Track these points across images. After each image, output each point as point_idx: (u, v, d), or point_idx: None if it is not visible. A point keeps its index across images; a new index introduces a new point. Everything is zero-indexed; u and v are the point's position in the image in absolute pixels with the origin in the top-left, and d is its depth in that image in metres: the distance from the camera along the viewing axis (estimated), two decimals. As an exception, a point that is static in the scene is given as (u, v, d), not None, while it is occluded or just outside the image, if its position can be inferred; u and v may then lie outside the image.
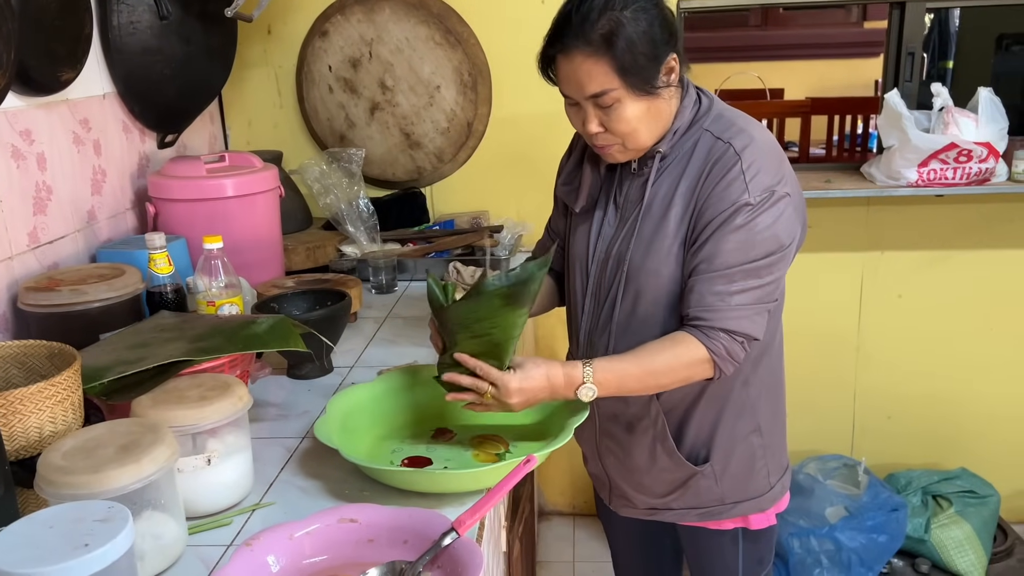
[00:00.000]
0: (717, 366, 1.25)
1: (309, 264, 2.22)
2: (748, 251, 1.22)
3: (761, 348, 1.37)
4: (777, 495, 1.45)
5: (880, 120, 2.33)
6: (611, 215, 1.38)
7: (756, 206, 1.22)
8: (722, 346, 1.24)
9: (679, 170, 1.29)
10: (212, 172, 1.91)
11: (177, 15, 2.01)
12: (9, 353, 1.19)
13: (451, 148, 2.52)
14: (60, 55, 1.67)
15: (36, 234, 1.64)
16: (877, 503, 2.35)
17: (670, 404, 1.38)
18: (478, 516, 1.03)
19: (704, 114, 1.30)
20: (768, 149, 1.26)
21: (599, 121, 1.26)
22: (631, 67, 1.20)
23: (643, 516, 1.50)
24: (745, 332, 1.24)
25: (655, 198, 1.31)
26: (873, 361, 2.70)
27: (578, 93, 1.25)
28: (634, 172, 1.34)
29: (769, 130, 1.33)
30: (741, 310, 1.23)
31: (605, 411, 1.45)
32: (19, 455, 1.05)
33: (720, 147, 1.26)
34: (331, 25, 2.45)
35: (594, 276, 1.39)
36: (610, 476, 1.51)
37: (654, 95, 1.24)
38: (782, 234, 1.24)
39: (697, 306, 1.25)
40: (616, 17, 1.19)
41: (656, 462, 1.42)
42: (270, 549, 1.00)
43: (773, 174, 1.24)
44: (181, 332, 1.37)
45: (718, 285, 1.23)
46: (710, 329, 1.24)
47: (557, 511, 2.96)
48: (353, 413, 1.37)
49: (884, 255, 2.59)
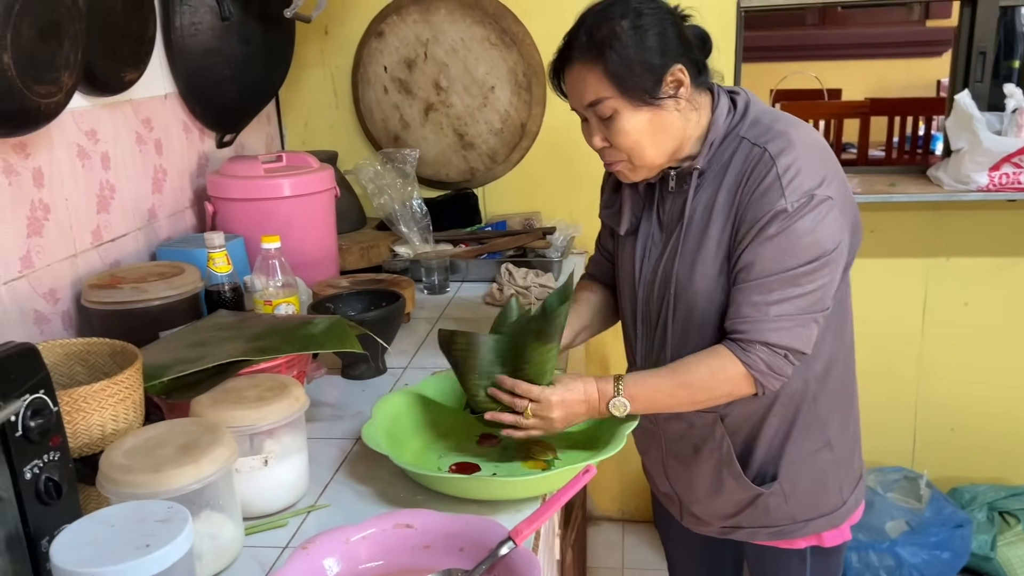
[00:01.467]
0: (758, 382, 1.20)
1: (363, 264, 2.22)
2: (787, 259, 1.17)
3: (828, 360, 1.32)
4: (851, 508, 1.40)
5: (949, 122, 2.25)
6: (655, 235, 1.34)
7: (794, 212, 1.16)
8: (760, 360, 1.19)
9: (717, 182, 1.25)
10: (270, 172, 1.92)
11: (238, 16, 2.03)
12: (74, 351, 1.20)
13: (504, 149, 2.51)
14: (125, 56, 1.69)
15: (99, 232, 1.67)
16: (940, 518, 2.27)
17: (735, 425, 1.34)
18: (536, 526, 1.01)
19: (740, 121, 1.26)
20: (809, 150, 1.20)
21: (602, 135, 1.25)
22: (624, 75, 1.18)
23: (716, 535, 1.46)
24: (786, 345, 1.19)
25: (696, 214, 1.27)
26: (936, 371, 2.61)
27: (578, 103, 1.25)
28: (673, 190, 1.31)
29: (817, 130, 1.29)
30: (781, 321, 1.18)
31: (671, 433, 1.42)
32: (82, 452, 1.06)
33: (756, 153, 1.21)
34: (387, 26, 2.45)
35: (642, 299, 1.37)
36: (680, 496, 1.48)
37: (655, 106, 1.21)
38: (824, 239, 1.18)
39: (735, 318, 1.21)
40: (612, 26, 1.18)
41: (723, 485, 1.38)
42: (326, 553, 1.00)
43: (813, 176, 1.18)
44: (239, 331, 1.37)
45: (755, 295, 1.19)
46: (747, 343, 1.19)
47: (606, 516, 2.93)
48: (399, 417, 1.36)
49: (950, 261, 2.50)
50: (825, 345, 1.29)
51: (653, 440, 1.48)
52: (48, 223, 1.51)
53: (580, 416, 1.25)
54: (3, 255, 1.40)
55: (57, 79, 1.35)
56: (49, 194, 1.52)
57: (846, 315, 1.35)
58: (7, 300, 1.41)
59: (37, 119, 1.35)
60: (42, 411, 0.90)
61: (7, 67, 1.23)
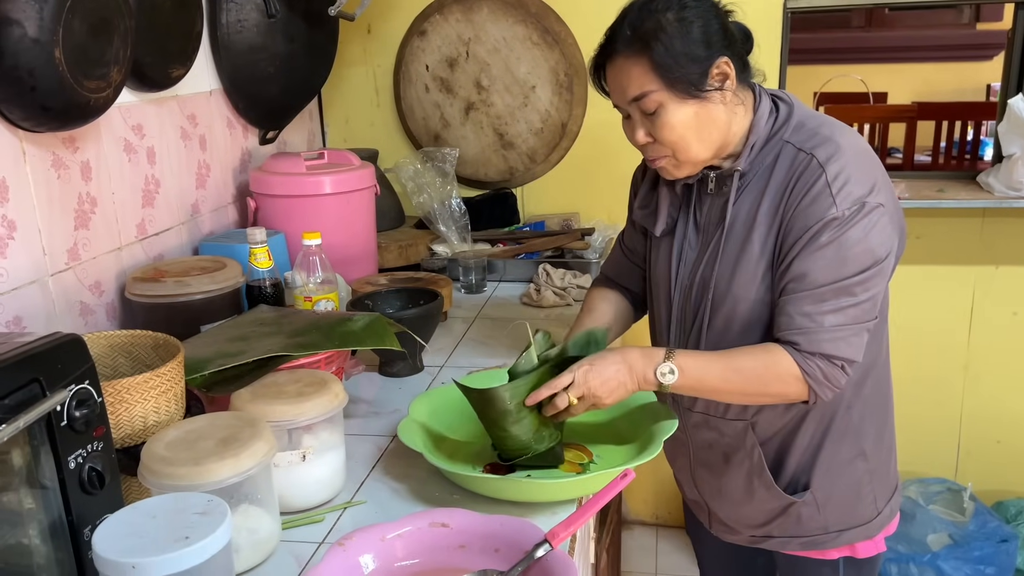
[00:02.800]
0: (813, 390, 1.17)
1: (401, 262, 2.23)
2: (840, 268, 1.14)
3: (864, 368, 1.28)
4: (885, 520, 1.37)
5: (1001, 127, 2.20)
6: (692, 237, 1.31)
7: (845, 220, 1.14)
8: (819, 369, 1.16)
9: (760, 187, 1.22)
10: (311, 169, 1.94)
11: (283, 14, 2.05)
12: (118, 342, 1.22)
13: (544, 149, 2.50)
14: (172, 52, 1.71)
15: (144, 226, 1.69)
16: (984, 532, 2.22)
17: (767, 434, 1.32)
18: (573, 529, 1.00)
19: (783, 124, 1.23)
20: (857, 156, 1.17)
21: (646, 130, 1.22)
22: (671, 66, 1.15)
23: (746, 543, 1.44)
24: (843, 356, 1.16)
25: (737, 218, 1.24)
26: (982, 381, 2.55)
27: (621, 98, 1.22)
28: (712, 192, 1.28)
29: (861, 134, 1.26)
30: (837, 331, 1.15)
31: (699, 441, 1.40)
32: (124, 443, 1.07)
33: (803, 159, 1.18)
34: (429, 24, 2.45)
35: (678, 303, 1.33)
36: (709, 504, 1.46)
37: (701, 99, 1.18)
38: (876, 247, 1.15)
39: (788, 329, 1.17)
40: (657, 19, 1.16)
41: (753, 494, 1.36)
42: (363, 550, 1.00)
43: (863, 183, 1.15)
44: (279, 327, 1.38)
45: (808, 305, 1.16)
46: (806, 353, 1.16)
47: (640, 520, 2.90)
48: (435, 416, 1.36)
49: (999, 270, 2.44)
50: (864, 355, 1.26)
51: (681, 448, 1.46)
52: (95, 216, 1.54)
53: (625, 384, 1.19)
54: (51, 247, 1.43)
55: (106, 74, 1.37)
56: (96, 187, 1.54)
57: (883, 323, 1.32)
58: (54, 292, 1.43)
59: (86, 114, 1.37)
60: (87, 401, 0.91)
61: (58, 62, 1.25)
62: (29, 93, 1.25)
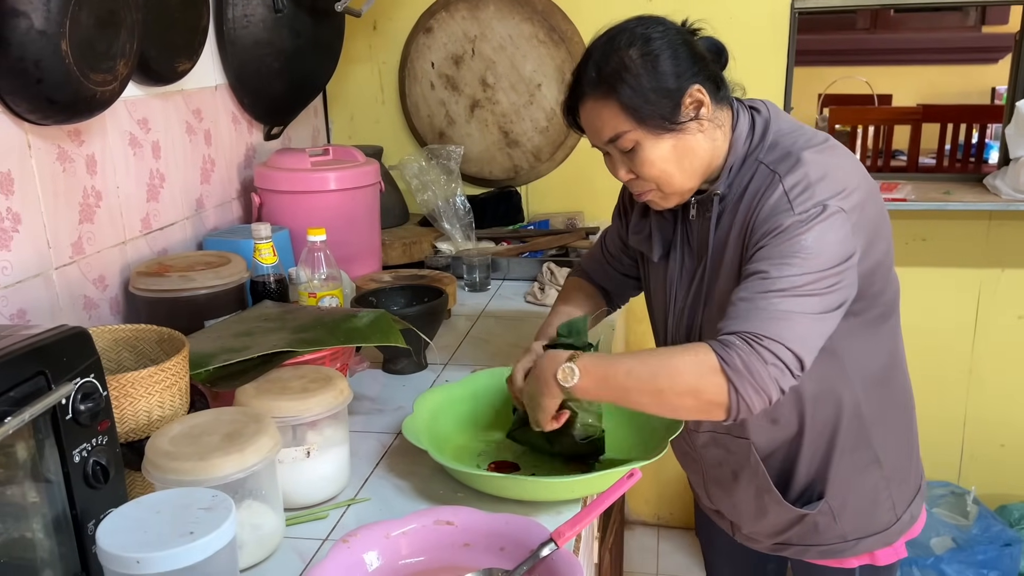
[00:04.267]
0: (731, 384, 1.02)
1: (405, 259, 2.22)
2: (794, 265, 1.07)
3: (874, 376, 1.26)
4: (906, 525, 1.35)
5: (1009, 129, 2.19)
6: (688, 262, 1.28)
7: (803, 221, 1.08)
8: (737, 358, 1.02)
9: (736, 208, 1.19)
10: (316, 165, 1.93)
11: (289, 9, 2.04)
12: (122, 337, 1.21)
13: (549, 147, 2.49)
14: (178, 46, 1.71)
15: (148, 220, 1.69)
16: (988, 536, 2.21)
17: (767, 450, 1.30)
18: (578, 528, 0.99)
19: (759, 144, 1.19)
20: (822, 165, 1.12)
21: (627, 168, 1.19)
22: (640, 106, 1.12)
23: (768, 551, 1.42)
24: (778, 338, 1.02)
25: (721, 241, 1.21)
26: (987, 385, 2.54)
27: (597, 140, 1.19)
28: (694, 218, 1.25)
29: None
30: (777, 313, 1.04)
31: (709, 459, 1.39)
32: (128, 437, 1.06)
33: (768, 177, 1.15)
34: (435, 22, 2.45)
35: (673, 325, 1.32)
36: (728, 516, 1.45)
37: (677, 131, 1.15)
38: (834, 252, 1.08)
39: (727, 316, 1.08)
40: (620, 58, 1.12)
41: (766, 509, 1.34)
42: (367, 547, 0.99)
43: (827, 188, 1.10)
44: (284, 323, 1.38)
45: (753, 288, 1.07)
46: (731, 335, 1.05)
47: (641, 521, 2.90)
48: (440, 413, 1.35)
49: (1005, 273, 2.43)
50: (864, 359, 1.24)
51: (694, 465, 1.45)
52: (99, 210, 1.53)
53: (540, 391, 1.15)
54: (56, 241, 1.42)
55: (113, 68, 1.37)
56: (101, 181, 1.53)
57: (896, 327, 1.29)
58: (59, 285, 1.43)
59: (92, 107, 1.37)
60: (92, 395, 0.90)
61: (65, 54, 1.25)
62: (35, 85, 1.24)
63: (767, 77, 2.23)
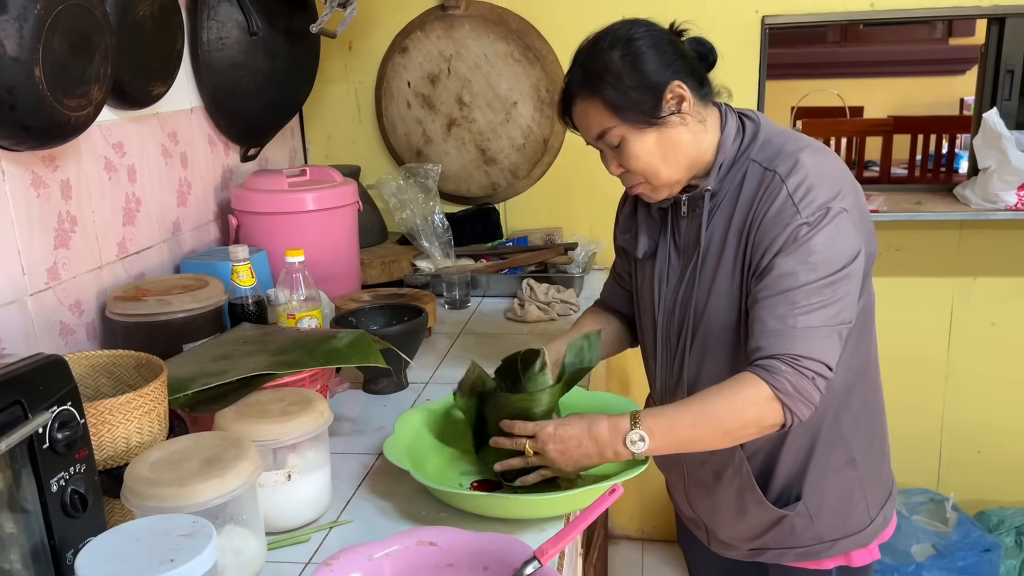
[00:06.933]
0: (786, 407, 1.13)
1: (384, 278, 2.22)
2: (810, 272, 1.15)
3: (852, 376, 1.30)
4: (879, 527, 1.38)
5: (976, 140, 2.23)
6: (674, 260, 1.34)
7: (811, 225, 1.16)
8: (788, 383, 1.12)
9: (731, 207, 1.25)
10: (293, 186, 1.93)
11: (264, 31, 2.05)
12: (99, 362, 1.21)
13: (526, 164, 2.51)
14: (153, 70, 1.71)
15: (125, 244, 1.68)
16: (968, 542, 2.23)
17: (753, 448, 1.32)
18: (561, 545, 0.99)
19: (750, 143, 1.26)
20: (818, 167, 1.19)
21: (617, 162, 1.27)
22: (622, 103, 1.20)
23: (743, 558, 1.44)
24: (815, 356, 1.13)
25: (711, 239, 1.27)
26: (963, 392, 2.57)
27: (588, 137, 1.28)
28: (684, 215, 1.31)
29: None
30: (809, 332, 1.14)
31: (691, 461, 1.41)
32: (106, 465, 1.06)
33: (767, 177, 1.21)
34: (411, 41, 2.46)
35: (662, 325, 1.36)
36: (704, 522, 1.47)
37: (659, 125, 1.22)
38: (844, 250, 1.17)
39: (760, 335, 1.16)
40: (604, 60, 1.21)
41: (746, 510, 1.36)
42: (350, 569, 0.99)
43: (827, 190, 1.17)
44: (263, 345, 1.37)
45: (781, 308, 1.15)
46: (773, 359, 1.14)
47: (625, 535, 2.90)
48: (421, 433, 1.36)
49: (977, 281, 2.47)
50: (844, 362, 1.27)
51: (675, 468, 1.47)
52: (75, 235, 1.52)
53: (589, 456, 1.18)
54: (31, 267, 1.41)
55: (87, 92, 1.36)
56: (76, 206, 1.53)
57: (870, 330, 1.33)
58: (34, 312, 1.42)
59: (66, 132, 1.36)
60: (69, 423, 0.90)
61: (38, 80, 1.24)
62: (8, 112, 1.24)
63: (740, 90, 2.23)
